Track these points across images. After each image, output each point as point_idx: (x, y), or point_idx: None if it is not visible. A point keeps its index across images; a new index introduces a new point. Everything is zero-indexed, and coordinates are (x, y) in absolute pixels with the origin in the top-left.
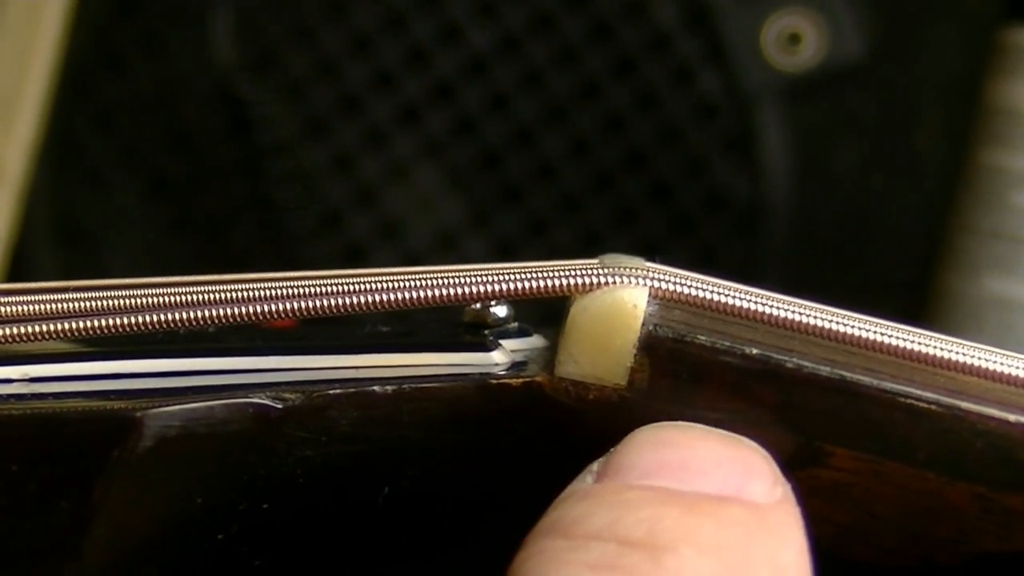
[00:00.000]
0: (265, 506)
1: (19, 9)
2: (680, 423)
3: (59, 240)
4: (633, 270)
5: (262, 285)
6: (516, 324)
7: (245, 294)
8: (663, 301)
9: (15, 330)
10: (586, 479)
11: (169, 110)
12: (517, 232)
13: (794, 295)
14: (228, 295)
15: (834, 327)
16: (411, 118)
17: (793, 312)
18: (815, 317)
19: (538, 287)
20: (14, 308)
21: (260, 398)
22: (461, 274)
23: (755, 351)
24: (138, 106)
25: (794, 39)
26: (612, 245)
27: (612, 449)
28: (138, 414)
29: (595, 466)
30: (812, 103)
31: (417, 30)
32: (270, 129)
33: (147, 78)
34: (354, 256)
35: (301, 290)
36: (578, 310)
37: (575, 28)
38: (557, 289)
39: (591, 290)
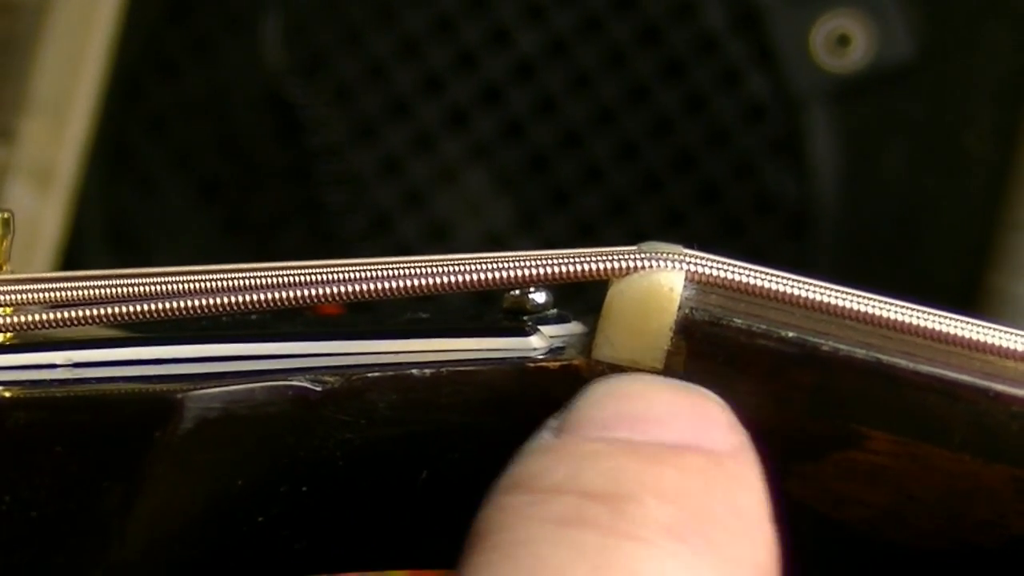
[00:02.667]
0: (305, 489)
1: (70, 14)
2: (634, 374)
3: (111, 243)
4: (670, 255)
5: (301, 271)
6: (555, 311)
7: (285, 279)
8: (700, 285)
9: (59, 315)
10: (544, 435)
11: (220, 114)
12: (565, 234)
13: None
14: (268, 280)
15: (870, 310)
16: (460, 121)
17: (829, 295)
18: (851, 300)
19: (575, 271)
20: (58, 294)
21: (300, 381)
22: (500, 259)
23: (791, 334)
24: (189, 111)
25: (843, 40)
26: None
27: (568, 404)
28: (179, 396)
29: (553, 421)
30: (861, 104)
31: (465, 33)
32: (320, 133)
33: (198, 83)
34: None
35: (341, 275)
36: (615, 293)
37: (623, 30)
38: (594, 273)
39: (628, 274)
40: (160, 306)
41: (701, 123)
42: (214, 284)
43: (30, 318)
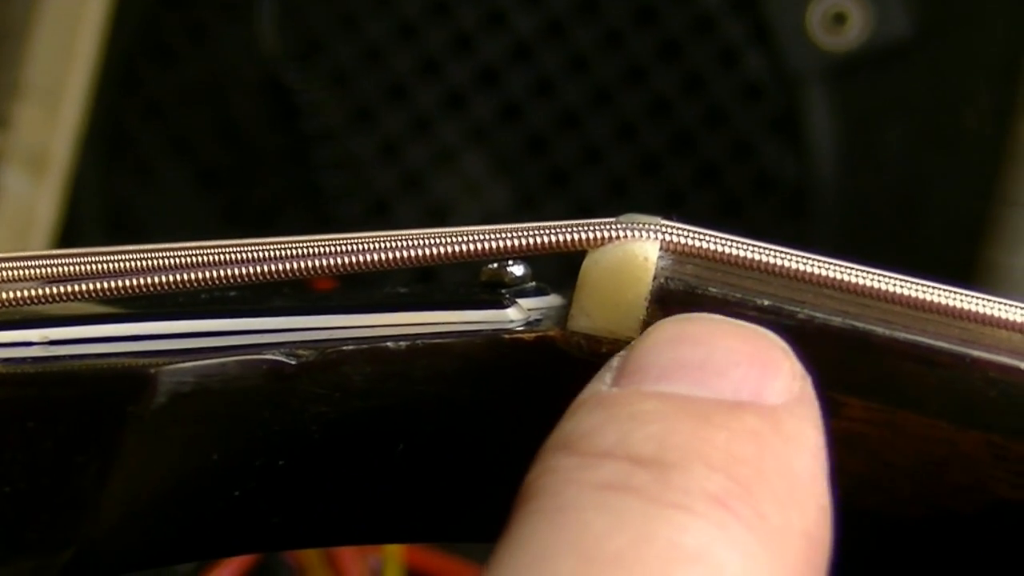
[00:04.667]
0: (281, 462)
1: (63, 0)
2: (701, 315)
3: (107, 230)
4: (645, 225)
5: (276, 247)
6: (533, 284)
7: (258, 254)
8: (676, 255)
9: (36, 292)
10: (605, 378)
11: (216, 100)
12: (564, 216)
13: None
14: (242, 255)
15: (845, 277)
16: (457, 104)
17: (803, 263)
18: (826, 268)
19: (551, 242)
20: (35, 271)
21: (274, 355)
22: (477, 232)
23: (767, 303)
24: (185, 96)
25: (839, 19)
26: None
27: (632, 343)
28: (152, 371)
29: (615, 361)
30: (859, 83)
31: (461, 16)
32: (317, 117)
33: (194, 68)
34: None
35: (316, 250)
36: (590, 264)
37: (620, 11)
38: (569, 244)
39: (602, 244)
40: (136, 281)
41: (699, 103)
42: (190, 259)
43: (6, 295)
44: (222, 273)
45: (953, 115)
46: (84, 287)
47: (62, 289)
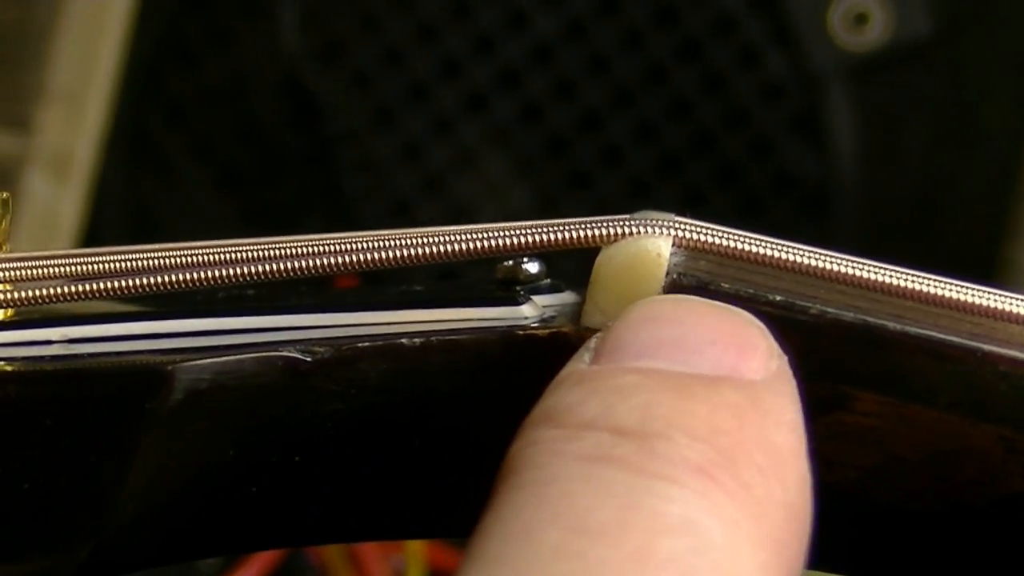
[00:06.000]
0: (297, 459)
1: (86, 3)
2: (677, 296)
3: (130, 232)
4: (658, 221)
5: (293, 243)
6: (548, 281)
7: (275, 252)
8: (689, 251)
9: (57, 290)
10: (584, 357)
11: (238, 102)
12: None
13: None
14: (259, 253)
15: (857, 272)
16: (478, 105)
17: (816, 259)
18: (838, 263)
19: (564, 239)
20: (56, 270)
21: (290, 352)
22: (490, 228)
23: (779, 298)
24: (207, 99)
25: (861, 18)
26: None
27: (610, 324)
28: (169, 368)
29: (593, 342)
30: (880, 82)
31: (483, 17)
32: (338, 119)
33: (217, 71)
34: None
35: (333, 247)
36: (603, 260)
37: (641, 12)
38: (582, 240)
39: (616, 240)
40: (154, 280)
41: (720, 103)
42: (206, 258)
43: (28, 294)
44: (238, 271)
45: (974, 113)
46: (102, 285)
47: (81, 288)
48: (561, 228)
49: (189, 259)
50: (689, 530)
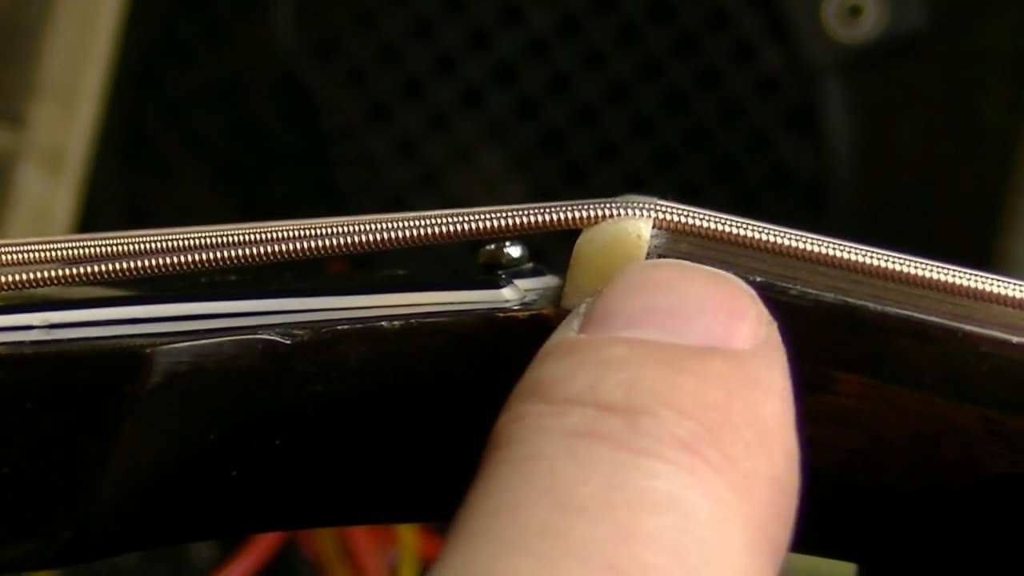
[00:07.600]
0: (278, 442)
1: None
2: (668, 261)
3: (125, 227)
4: (638, 203)
5: (273, 228)
6: (531, 264)
7: (258, 236)
8: (670, 233)
9: (37, 275)
10: (573, 324)
11: (233, 97)
12: None
13: None
14: (241, 237)
15: (837, 253)
16: (473, 101)
17: (796, 240)
18: (818, 244)
19: (545, 220)
20: (38, 255)
21: (269, 334)
22: (471, 212)
23: (759, 279)
24: (202, 95)
25: (855, 11)
26: None
27: (601, 289)
28: (148, 351)
29: (582, 308)
30: (875, 75)
31: (477, 12)
32: (334, 115)
33: (211, 67)
34: None
35: (314, 231)
36: (583, 242)
37: (635, 6)
38: (563, 222)
39: (596, 222)
40: (135, 264)
41: (715, 97)
42: (187, 242)
43: (9, 279)
44: (220, 255)
45: (969, 107)
46: (83, 270)
47: (62, 272)
48: (542, 211)
49: (169, 244)
50: (674, 507)
